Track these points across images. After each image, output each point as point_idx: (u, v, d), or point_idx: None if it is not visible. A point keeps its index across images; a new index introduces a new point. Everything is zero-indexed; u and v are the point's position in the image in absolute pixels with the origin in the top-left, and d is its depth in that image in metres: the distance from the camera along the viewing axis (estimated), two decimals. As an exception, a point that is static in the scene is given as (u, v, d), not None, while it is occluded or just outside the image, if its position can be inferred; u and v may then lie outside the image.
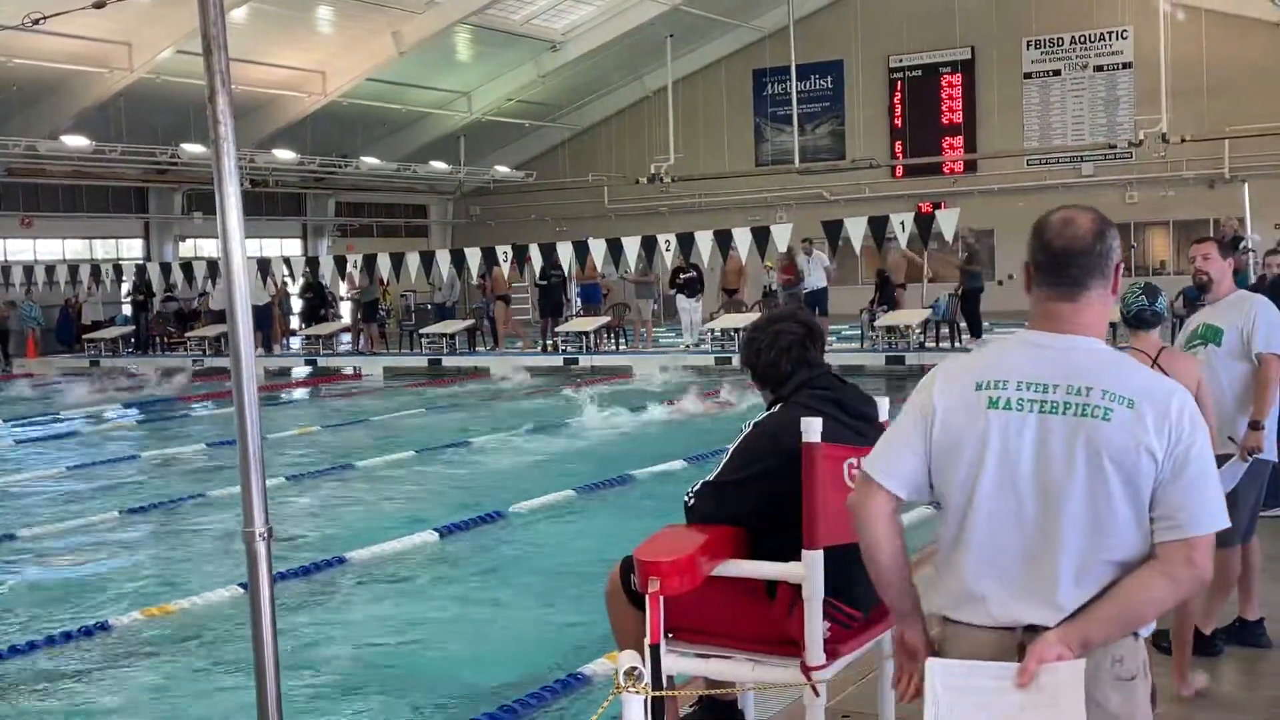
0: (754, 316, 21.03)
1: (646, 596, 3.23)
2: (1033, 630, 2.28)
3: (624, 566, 3.62)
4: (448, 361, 23.32)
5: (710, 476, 3.55)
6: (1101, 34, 31.81)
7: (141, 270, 27.59)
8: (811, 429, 3.28)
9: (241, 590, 7.32)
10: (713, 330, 21.94)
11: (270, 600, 2.96)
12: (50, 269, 27.66)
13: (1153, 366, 4.63)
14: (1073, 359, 2.34)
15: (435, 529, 8.86)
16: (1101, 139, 30.81)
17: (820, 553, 3.28)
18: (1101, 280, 2.40)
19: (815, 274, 21.93)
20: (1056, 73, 32.48)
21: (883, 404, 3.70)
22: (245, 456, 2.96)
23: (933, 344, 20.89)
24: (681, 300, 23.35)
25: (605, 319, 23.68)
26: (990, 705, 2.24)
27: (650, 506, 9.59)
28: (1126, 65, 31.54)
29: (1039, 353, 2.37)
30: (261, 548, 2.94)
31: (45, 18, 7.12)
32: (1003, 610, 2.34)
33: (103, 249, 32.15)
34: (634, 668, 2.77)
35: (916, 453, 2.41)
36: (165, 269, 27.21)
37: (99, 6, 7.50)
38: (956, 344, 20.93)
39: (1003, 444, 2.32)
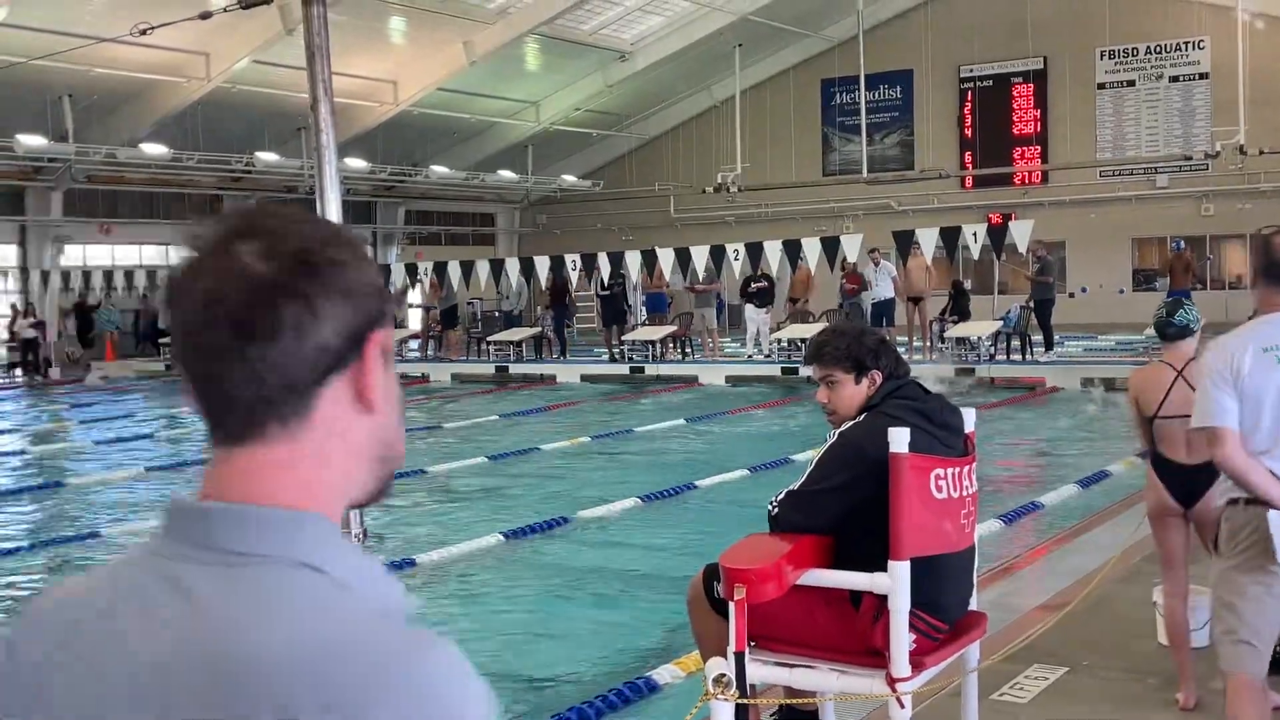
0: (822, 327, 20.93)
1: (731, 604, 3.24)
2: None
3: (707, 573, 3.63)
4: (515, 369, 23.46)
5: (795, 485, 3.54)
6: (1177, 44, 31.31)
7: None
8: (899, 439, 3.27)
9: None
10: (779, 340, 21.83)
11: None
12: (129, 274, 28.21)
13: (1178, 378, 4.72)
14: None
15: (501, 533, 8.93)
16: (1177, 150, 30.31)
17: (907, 563, 3.26)
18: None
19: (883, 284, 21.78)
20: (1131, 83, 32.02)
21: (969, 415, 3.67)
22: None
23: (1003, 356, 20.62)
24: (750, 310, 23.28)
25: (671, 328, 23.69)
26: None
27: (713, 516, 9.59)
28: (1203, 76, 31.01)
29: None
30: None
31: (153, 28, 7.28)
32: None
33: (177, 255, 32.71)
34: (723, 675, 2.77)
35: (1233, 399, 3.41)
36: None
37: (205, 18, 7.64)
38: (1027, 356, 20.66)
39: None
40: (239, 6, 7.13)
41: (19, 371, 27.08)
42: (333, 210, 2.81)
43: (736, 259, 22.37)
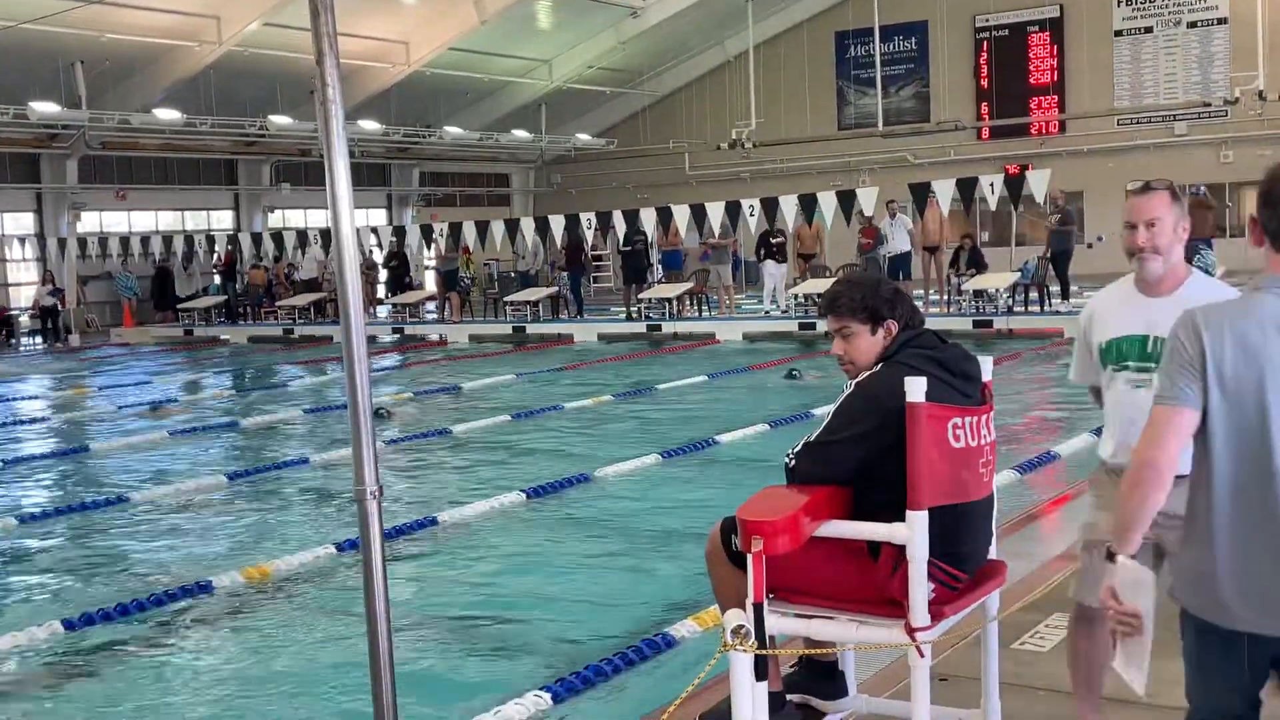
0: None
1: (749, 556, 3.24)
2: None
3: (724, 526, 3.62)
4: (532, 329, 23.46)
5: (811, 436, 3.53)
6: (1196, -12, 30.91)
7: (234, 241, 28.11)
8: (915, 389, 3.24)
9: (335, 550, 7.51)
10: (795, 296, 21.77)
11: (381, 556, 3.00)
12: (145, 240, 28.28)
13: None
14: None
15: (523, 491, 8.96)
16: (1195, 97, 29.98)
17: (925, 514, 3.25)
18: None
19: (899, 237, 21.65)
20: (1148, 30, 31.63)
21: (985, 363, 3.64)
22: (356, 417, 3.00)
23: (1020, 308, 20.52)
24: (769, 266, 23.22)
25: (688, 285, 23.64)
26: None
27: (733, 471, 9.60)
28: (1221, 21, 30.62)
29: None
30: (372, 506, 2.98)
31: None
32: None
33: (193, 220, 32.80)
34: (741, 625, 2.77)
35: None
36: (256, 239, 27.68)
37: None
38: (1046, 307, 20.55)
39: None
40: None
41: (39, 338, 27.25)
42: (340, 169, 2.78)
43: (752, 215, 22.27)
